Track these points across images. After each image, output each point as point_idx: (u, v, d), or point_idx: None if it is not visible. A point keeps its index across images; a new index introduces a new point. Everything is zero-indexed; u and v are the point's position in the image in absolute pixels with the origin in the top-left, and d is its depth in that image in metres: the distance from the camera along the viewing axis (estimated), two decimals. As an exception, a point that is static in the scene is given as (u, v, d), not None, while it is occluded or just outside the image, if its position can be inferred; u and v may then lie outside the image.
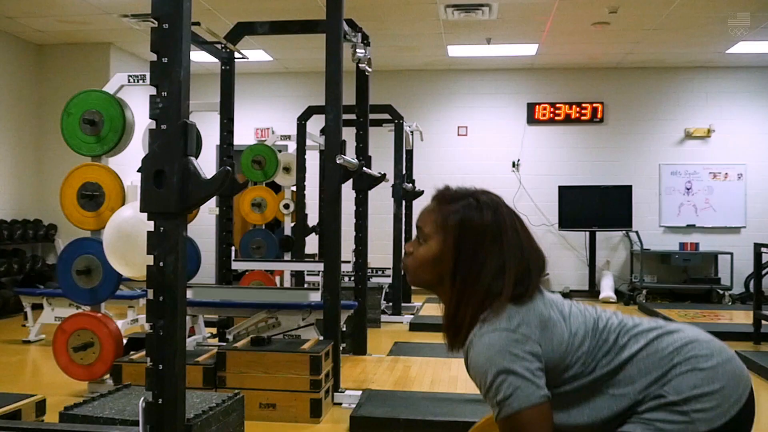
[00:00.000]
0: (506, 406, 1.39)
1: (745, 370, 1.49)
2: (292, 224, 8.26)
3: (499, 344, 1.42)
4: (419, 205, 9.51)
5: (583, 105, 10.22)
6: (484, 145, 10.19)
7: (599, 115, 10.24)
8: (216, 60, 5.78)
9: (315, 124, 8.05)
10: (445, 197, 1.59)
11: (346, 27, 4.92)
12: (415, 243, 1.60)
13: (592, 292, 9.75)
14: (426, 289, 1.62)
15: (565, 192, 9.76)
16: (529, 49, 9.20)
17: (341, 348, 4.75)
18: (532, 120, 10.29)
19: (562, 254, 10.12)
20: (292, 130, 8.10)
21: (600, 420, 1.47)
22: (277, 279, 8.28)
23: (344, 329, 5.41)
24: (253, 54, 9.01)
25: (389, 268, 8.11)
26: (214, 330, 5.85)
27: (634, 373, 1.45)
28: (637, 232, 9.88)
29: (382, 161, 8.23)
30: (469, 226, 1.52)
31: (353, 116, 5.79)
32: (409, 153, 8.95)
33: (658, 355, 1.46)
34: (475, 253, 1.51)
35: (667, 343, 1.48)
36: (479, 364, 1.44)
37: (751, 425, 1.46)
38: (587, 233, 9.78)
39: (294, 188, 8.21)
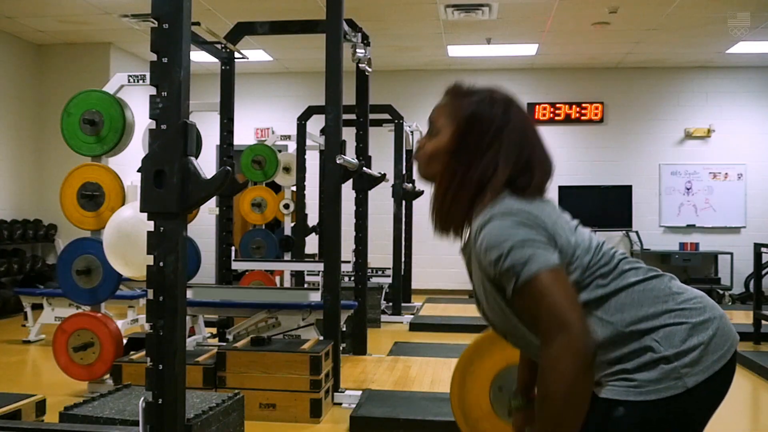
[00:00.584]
0: (524, 272, 1.37)
1: (733, 329, 1.49)
2: (292, 224, 8.26)
3: (511, 221, 1.42)
4: (419, 205, 9.55)
5: (583, 105, 10.22)
6: (484, 145, 10.18)
7: (599, 115, 10.24)
8: (216, 60, 5.78)
9: (315, 124, 8.05)
10: (459, 92, 1.59)
11: (346, 27, 4.92)
12: (427, 137, 1.61)
13: (592, 292, 9.73)
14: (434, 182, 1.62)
15: (565, 192, 9.76)
16: (529, 49, 9.20)
17: (341, 348, 4.75)
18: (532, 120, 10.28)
19: (562, 254, 10.11)
20: (292, 130, 8.10)
21: None
22: (277, 279, 8.28)
23: (344, 329, 5.41)
24: (253, 54, 9.01)
25: (389, 268, 8.12)
26: (214, 330, 5.85)
27: (626, 302, 1.44)
28: (637, 232, 9.88)
29: (382, 161, 8.23)
30: (478, 118, 1.53)
31: (353, 116, 5.79)
32: (409, 153, 8.94)
33: (653, 293, 1.46)
34: (478, 144, 1.52)
35: (665, 285, 1.48)
36: (492, 241, 1.41)
37: (730, 383, 1.47)
38: (587, 233, 9.77)
39: (294, 188, 8.21)
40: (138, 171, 2.30)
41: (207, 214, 7.38)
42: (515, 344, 1.60)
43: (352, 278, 6.22)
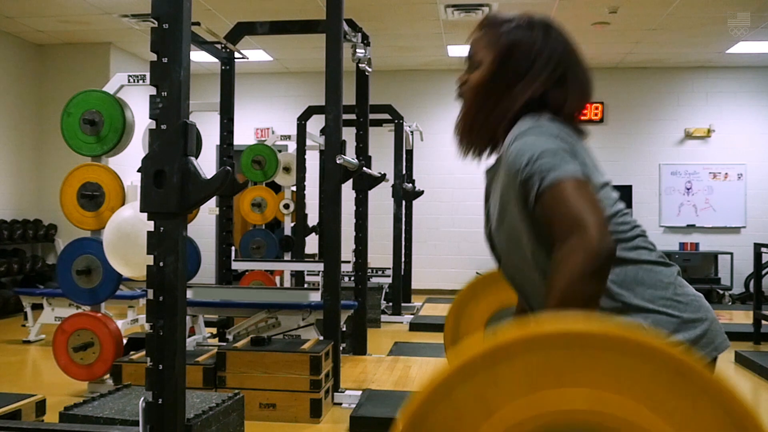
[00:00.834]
0: (550, 176, 1.33)
1: (723, 335, 1.48)
2: (292, 224, 8.26)
3: (547, 135, 1.40)
4: (419, 205, 9.51)
5: (583, 105, 10.20)
6: (484, 145, 10.18)
7: (599, 115, 10.24)
8: (216, 60, 5.78)
9: (315, 124, 8.06)
10: (495, 21, 1.58)
11: (346, 27, 4.92)
12: (467, 73, 1.59)
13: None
14: None
15: (565, 192, 9.75)
16: (529, 49, 9.20)
17: (341, 348, 4.76)
18: (532, 120, 10.28)
19: (562, 254, 10.11)
20: (292, 130, 8.11)
21: None
22: (277, 279, 8.28)
23: (344, 329, 5.41)
24: (253, 54, 9.01)
25: (389, 268, 8.12)
26: (214, 330, 5.85)
27: (629, 275, 1.43)
28: (637, 232, 9.87)
29: (382, 161, 8.23)
30: (518, 44, 1.52)
31: (353, 116, 5.79)
32: (409, 153, 8.95)
33: (657, 277, 1.45)
34: (518, 69, 1.51)
35: (671, 274, 1.48)
36: (525, 148, 1.39)
37: None
38: (587, 233, 9.77)
39: (294, 188, 8.21)
40: (138, 171, 2.30)
41: (207, 214, 7.38)
42: (511, 279, 1.57)
43: (352, 278, 6.22)
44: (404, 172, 8.33)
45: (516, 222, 1.45)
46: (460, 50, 9.22)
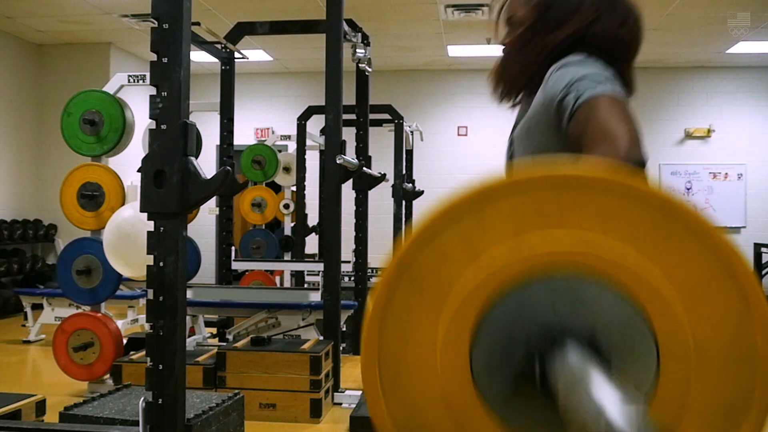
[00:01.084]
0: (587, 92, 1.30)
1: None
2: (292, 224, 8.26)
3: (590, 66, 1.38)
4: (419, 205, 9.52)
5: (583, 105, 10.21)
6: (484, 145, 10.20)
7: (599, 115, 10.23)
8: (216, 60, 5.78)
9: (315, 124, 8.05)
10: None
11: (346, 27, 4.92)
12: (508, 34, 1.59)
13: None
14: None
15: (565, 192, 9.75)
16: (529, 49, 9.19)
17: (341, 348, 4.76)
18: (532, 120, 10.28)
19: (562, 254, 10.10)
20: (292, 130, 8.10)
21: None
22: (277, 279, 8.28)
23: (344, 329, 5.41)
24: (253, 54, 9.01)
25: (389, 268, 8.10)
26: (214, 330, 5.85)
27: None
28: (637, 232, 9.88)
29: (382, 161, 8.23)
30: None
31: (353, 116, 5.79)
32: (409, 153, 8.95)
33: None
34: (557, 16, 1.49)
35: None
36: (569, 71, 1.37)
37: None
38: (587, 233, 9.76)
39: (294, 188, 8.21)
40: (138, 171, 2.30)
41: (207, 214, 7.38)
42: None
43: (352, 278, 6.22)
44: (404, 172, 8.33)
45: (544, 146, 1.43)
46: (460, 50, 9.22)
